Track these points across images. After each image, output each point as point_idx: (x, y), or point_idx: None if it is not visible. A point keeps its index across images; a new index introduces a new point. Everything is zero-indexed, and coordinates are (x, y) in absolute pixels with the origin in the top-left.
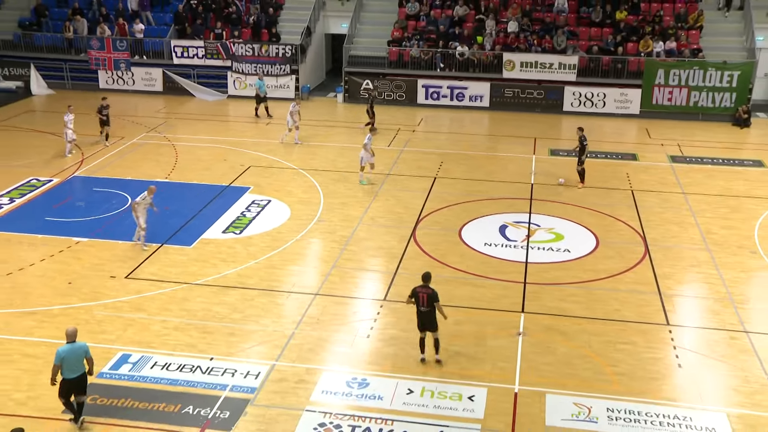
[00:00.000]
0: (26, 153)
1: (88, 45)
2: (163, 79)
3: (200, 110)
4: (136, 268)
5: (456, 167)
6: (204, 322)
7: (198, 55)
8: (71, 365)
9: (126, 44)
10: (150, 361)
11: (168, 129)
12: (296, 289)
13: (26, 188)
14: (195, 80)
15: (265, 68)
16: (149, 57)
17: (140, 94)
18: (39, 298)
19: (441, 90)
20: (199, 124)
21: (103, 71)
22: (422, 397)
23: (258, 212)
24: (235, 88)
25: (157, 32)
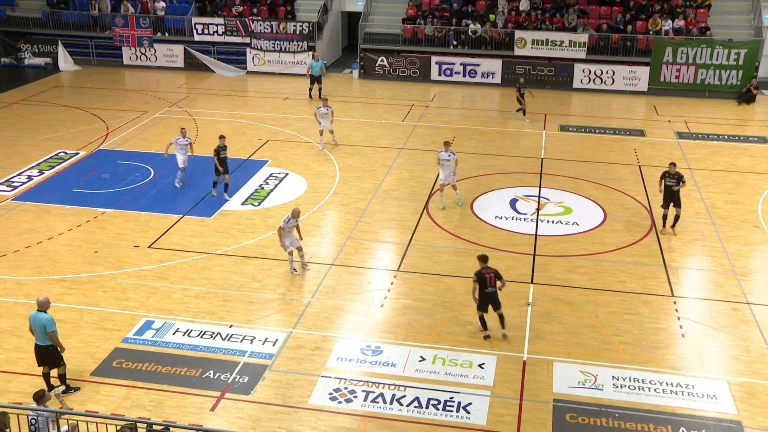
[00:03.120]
0: (54, 127)
1: (112, 23)
2: (185, 56)
3: (220, 86)
4: (159, 238)
5: (468, 142)
6: (224, 290)
7: (218, 32)
8: (36, 333)
9: (149, 22)
10: (172, 328)
11: (189, 104)
12: (312, 259)
13: (54, 161)
14: (215, 56)
15: (282, 45)
16: (171, 34)
17: (162, 70)
18: (67, 266)
19: (454, 67)
20: (218, 99)
21: (126, 48)
22: (434, 365)
23: (276, 185)
24: (254, 65)
25: (178, 10)
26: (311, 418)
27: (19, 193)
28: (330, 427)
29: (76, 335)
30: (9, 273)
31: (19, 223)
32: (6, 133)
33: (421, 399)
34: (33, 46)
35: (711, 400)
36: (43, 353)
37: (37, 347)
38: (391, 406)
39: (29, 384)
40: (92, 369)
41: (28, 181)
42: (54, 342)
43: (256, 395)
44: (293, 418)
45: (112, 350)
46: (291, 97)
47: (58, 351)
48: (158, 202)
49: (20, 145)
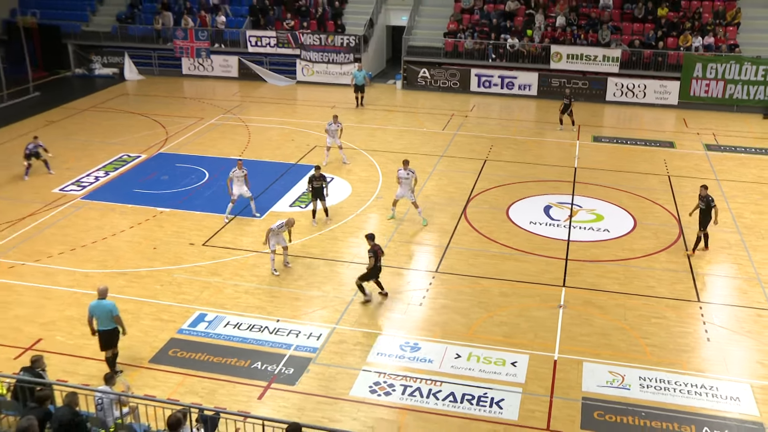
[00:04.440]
0: (119, 132)
1: (173, 35)
2: (239, 66)
3: (271, 94)
4: (213, 236)
5: (505, 151)
6: (272, 287)
7: (270, 44)
8: (100, 319)
9: (207, 34)
10: (223, 321)
11: (242, 111)
12: (356, 259)
13: (118, 163)
14: (267, 67)
15: (330, 56)
16: (227, 46)
17: (218, 80)
18: (128, 261)
19: (492, 79)
20: (269, 107)
21: (186, 59)
22: (469, 362)
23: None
24: (303, 75)
25: (234, 23)
26: (352, 409)
27: (87, 192)
28: (369, 418)
29: (135, 325)
30: (77, 266)
31: (87, 220)
32: (78, 137)
33: (456, 394)
34: (103, 58)
35: (734, 401)
36: (106, 337)
37: (101, 333)
38: (427, 400)
39: (95, 368)
40: (150, 357)
41: (96, 181)
42: (119, 324)
43: (301, 386)
44: (335, 408)
45: (168, 340)
46: (337, 105)
47: (118, 334)
48: (213, 202)
49: (89, 149)
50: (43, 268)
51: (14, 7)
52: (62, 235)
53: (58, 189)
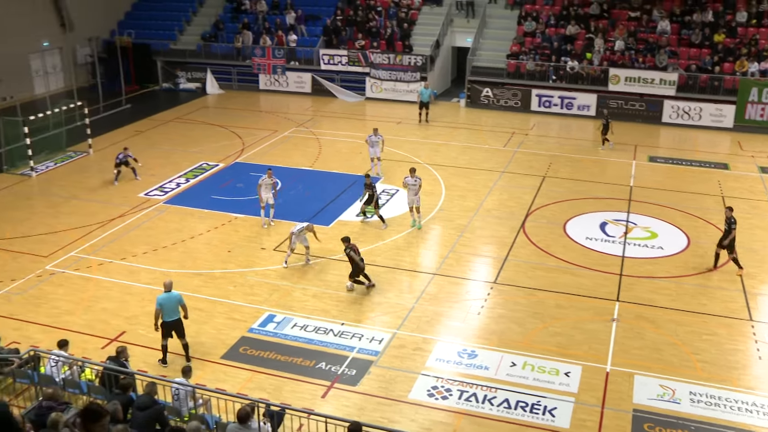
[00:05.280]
0: (200, 141)
1: (252, 53)
2: (312, 82)
3: (341, 109)
4: (283, 242)
5: (563, 168)
6: (337, 292)
7: (341, 62)
8: (168, 310)
9: (283, 52)
10: (291, 322)
11: (314, 125)
12: (417, 268)
13: (198, 171)
14: (338, 84)
15: (398, 75)
16: (301, 63)
17: (292, 95)
18: (204, 263)
19: (552, 99)
20: (340, 122)
21: (263, 75)
22: (524, 370)
23: (387, 200)
24: (372, 92)
25: (308, 42)
26: (410, 411)
27: (169, 197)
28: (427, 420)
29: (209, 322)
30: (158, 265)
31: (168, 223)
32: (162, 146)
33: (511, 401)
34: (187, 73)
35: None
36: (173, 327)
37: (168, 323)
38: (482, 405)
39: (174, 362)
40: (222, 353)
41: (177, 187)
42: (185, 311)
43: (362, 387)
44: (394, 409)
45: (239, 338)
46: (403, 121)
47: (183, 324)
48: (284, 210)
49: (172, 157)
50: (128, 266)
51: (113, 29)
52: (146, 236)
53: (143, 194)
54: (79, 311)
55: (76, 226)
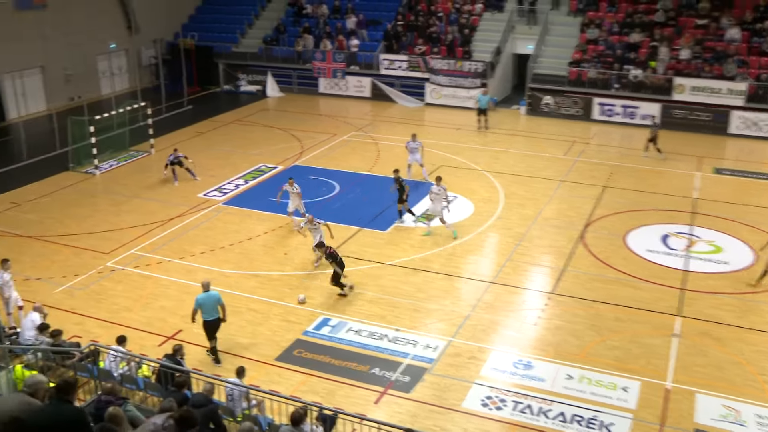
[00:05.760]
0: (259, 144)
1: (312, 57)
2: (371, 87)
3: (400, 115)
4: (340, 246)
5: (624, 179)
6: (393, 297)
7: (401, 68)
8: (207, 310)
9: (343, 57)
10: (346, 326)
11: (373, 129)
12: (474, 276)
13: (257, 173)
14: (398, 89)
15: (458, 81)
16: (361, 68)
17: (352, 99)
18: (261, 264)
19: (614, 108)
20: (398, 127)
21: (323, 79)
22: (580, 383)
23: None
24: (431, 97)
25: (369, 47)
26: (463, 420)
27: (228, 198)
28: (479, 430)
29: (265, 324)
30: (216, 265)
31: (226, 224)
32: (223, 148)
33: (566, 414)
34: (248, 76)
35: None
36: (214, 326)
37: (207, 323)
38: (537, 418)
39: (227, 361)
40: (277, 355)
41: (236, 188)
42: (224, 312)
43: (415, 394)
44: (447, 418)
45: (294, 341)
46: (462, 128)
47: (220, 323)
48: (341, 213)
49: (232, 158)
50: (186, 266)
51: (177, 31)
52: (204, 236)
53: (202, 194)
54: (137, 308)
55: (136, 224)
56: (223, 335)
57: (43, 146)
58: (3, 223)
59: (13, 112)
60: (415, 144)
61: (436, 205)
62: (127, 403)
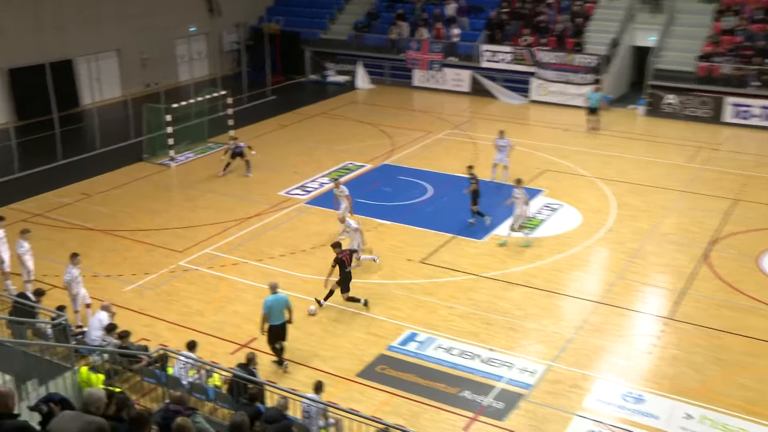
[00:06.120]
0: (346, 139)
1: (407, 46)
2: (471, 81)
3: (502, 112)
4: (431, 254)
5: (761, 191)
6: (487, 313)
7: (505, 60)
8: (275, 313)
9: (441, 47)
10: (434, 343)
11: (471, 127)
12: (579, 294)
13: (343, 171)
14: (500, 83)
15: (568, 76)
16: (460, 59)
17: (448, 93)
18: None
19: (751, 109)
20: (499, 125)
21: (417, 70)
22: (701, 425)
23: (549, 215)
24: (537, 94)
25: (469, 37)
26: None
27: (311, 198)
28: None
29: (346, 336)
30: (295, 269)
31: (308, 224)
32: (306, 142)
33: None
34: (337, 65)
35: None
36: (281, 331)
37: (274, 327)
38: None
39: (302, 374)
40: (358, 370)
41: (320, 187)
42: (291, 314)
43: (509, 422)
44: None
45: (377, 356)
46: (572, 129)
47: (286, 328)
48: (433, 219)
49: (316, 154)
50: (264, 268)
51: (262, 15)
52: (284, 237)
53: (284, 192)
54: (209, 312)
55: (212, 221)
56: (301, 345)
57: (117, 134)
58: (73, 214)
59: (87, 97)
60: (503, 142)
61: (519, 208)
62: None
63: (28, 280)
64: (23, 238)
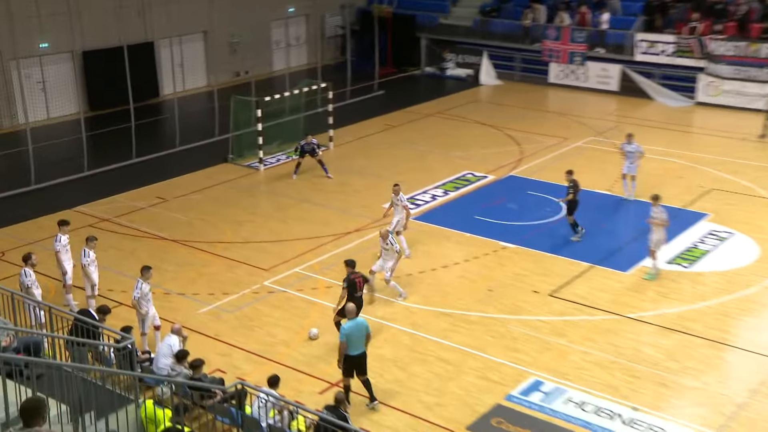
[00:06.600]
0: (465, 144)
1: (543, 34)
2: (621, 77)
3: (658, 116)
4: (563, 286)
5: None
6: (631, 363)
7: (666, 52)
8: (355, 342)
9: (585, 36)
10: (564, 395)
11: (617, 135)
12: (754, 347)
13: (461, 182)
14: (657, 81)
15: (748, 72)
16: (608, 51)
17: (592, 92)
18: (456, 300)
19: None
20: (653, 133)
21: (555, 64)
22: None
23: (715, 245)
24: (705, 94)
25: (621, 23)
26: None
27: (421, 212)
28: None
29: (456, 380)
30: (397, 296)
31: (416, 244)
32: (417, 146)
33: None
34: (458, 56)
35: None
36: (354, 362)
37: (352, 357)
38: None
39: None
40: (469, 422)
41: (432, 200)
42: (368, 342)
43: None
44: None
45: (493, 406)
46: (749, 138)
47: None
48: (567, 244)
49: (428, 161)
50: None
51: None
52: None
53: (387, 204)
54: (296, 342)
55: (305, 236)
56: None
57: (200, 130)
58: (146, 221)
59: (168, 86)
60: (632, 147)
61: (661, 232)
62: None
63: (91, 295)
64: (88, 247)
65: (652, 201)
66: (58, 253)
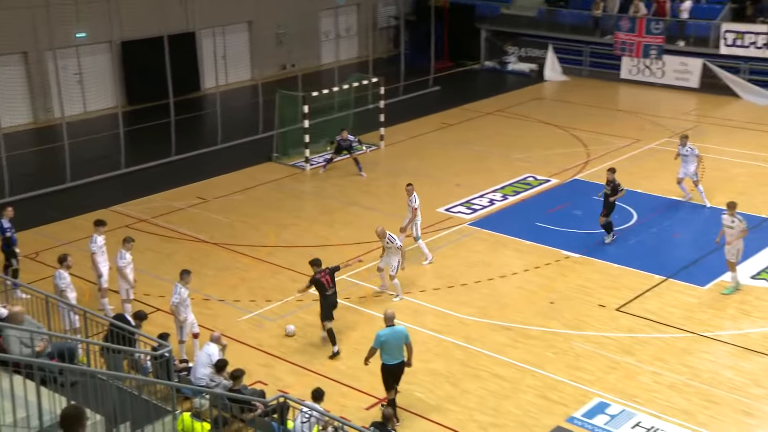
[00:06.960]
0: (527, 146)
1: (615, 25)
2: (702, 73)
3: (744, 116)
4: (632, 300)
5: None
6: (709, 387)
7: (756, 44)
8: (391, 350)
9: (662, 27)
10: (632, 419)
11: (697, 135)
12: None
13: (521, 186)
14: (744, 77)
15: None
16: (689, 44)
17: (668, 89)
18: (515, 313)
19: None
20: (738, 134)
21: (628, 58)
22: None
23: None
24: None
25: (704, 13)
26: None
27: (478, 218)
28: None
29: (512, 398)
30: (453, 308)
31: (472, 252)
32: (474, 147)
33: None
34: (520, 50)
35: None
36: (396, 372)
37: (389, 367)
38: None
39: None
40: None
41: (490, 205)
42: (411, 354)
43: None
44: None
45: (553, 428)
46: None
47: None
48: (637, 254)
49: (487, 162)
50: (413, 303)
51: None
52: (441, 266)
53: (443, 209)
54: (344, 354)
55: (352, 241)
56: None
57: (243, 126)
58: (185, 222)
59: (210, 80)
60: (686, 150)
61: (735, 243)
62: None
63: (127, 299)
64: (125, 248)
65: (728, 208)
66: (94, 254)
